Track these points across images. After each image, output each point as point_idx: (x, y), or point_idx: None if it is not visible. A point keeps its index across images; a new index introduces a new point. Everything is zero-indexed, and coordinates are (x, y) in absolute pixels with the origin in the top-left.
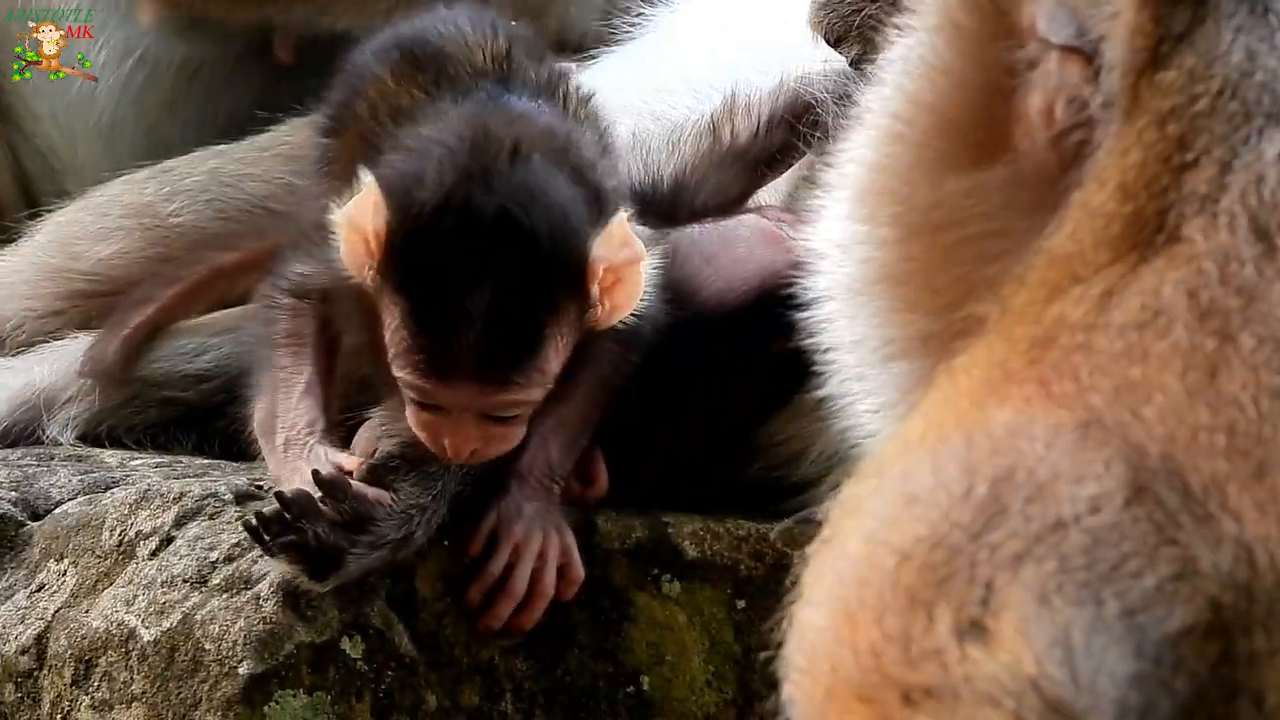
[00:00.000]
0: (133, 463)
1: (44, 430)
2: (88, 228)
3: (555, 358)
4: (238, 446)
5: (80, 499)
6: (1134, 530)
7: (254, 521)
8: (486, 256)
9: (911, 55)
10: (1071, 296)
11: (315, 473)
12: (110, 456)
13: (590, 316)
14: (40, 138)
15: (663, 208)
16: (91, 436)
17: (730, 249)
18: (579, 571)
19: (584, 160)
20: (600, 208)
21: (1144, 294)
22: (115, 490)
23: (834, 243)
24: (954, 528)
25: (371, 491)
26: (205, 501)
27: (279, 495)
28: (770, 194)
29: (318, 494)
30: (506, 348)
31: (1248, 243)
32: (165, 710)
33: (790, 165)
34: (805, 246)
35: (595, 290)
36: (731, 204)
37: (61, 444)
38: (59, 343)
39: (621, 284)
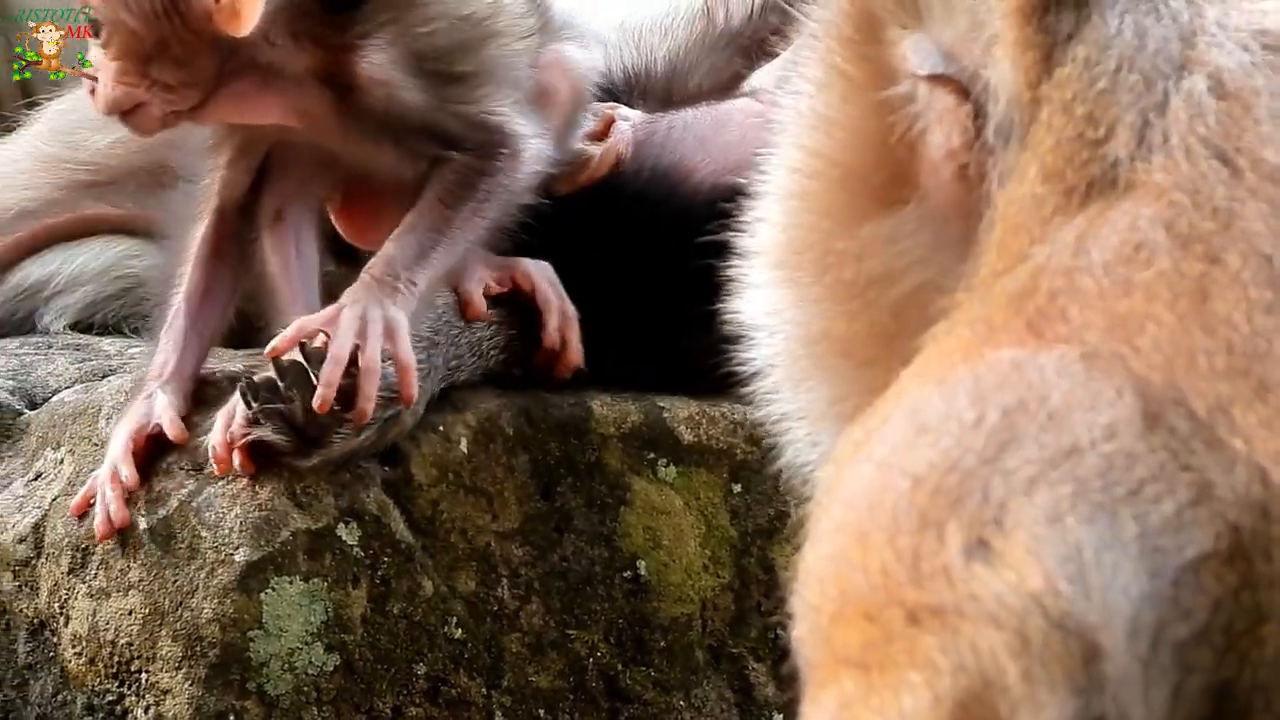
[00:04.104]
0: (130, 351)
1: (39, 320)
2: (86, 116)
3: None
4: (234, 333)
5: (77, 387)
6: (1151, 457)
7: (245, 387)
8: None
9: (805, 111)
10: (1041, 251)
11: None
12: (109, 345)
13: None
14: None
15: (657, 91)
16: (84, 325)
17: (724, 132)
18: (407, 357)
19: None
20: None
21: (1120, 231)
22: (112, 378)
23: (763, 311)
24: (967, 453)
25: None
26: (203, 389)
27: (275, 364)
28: (764, 76)
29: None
30: None
31: (1213, 169)
32: (162, 598)
33: (785, 49)
34: (733, 321)
35: None
36: (725, 87)
37: (59, 333)
38: None
39: None
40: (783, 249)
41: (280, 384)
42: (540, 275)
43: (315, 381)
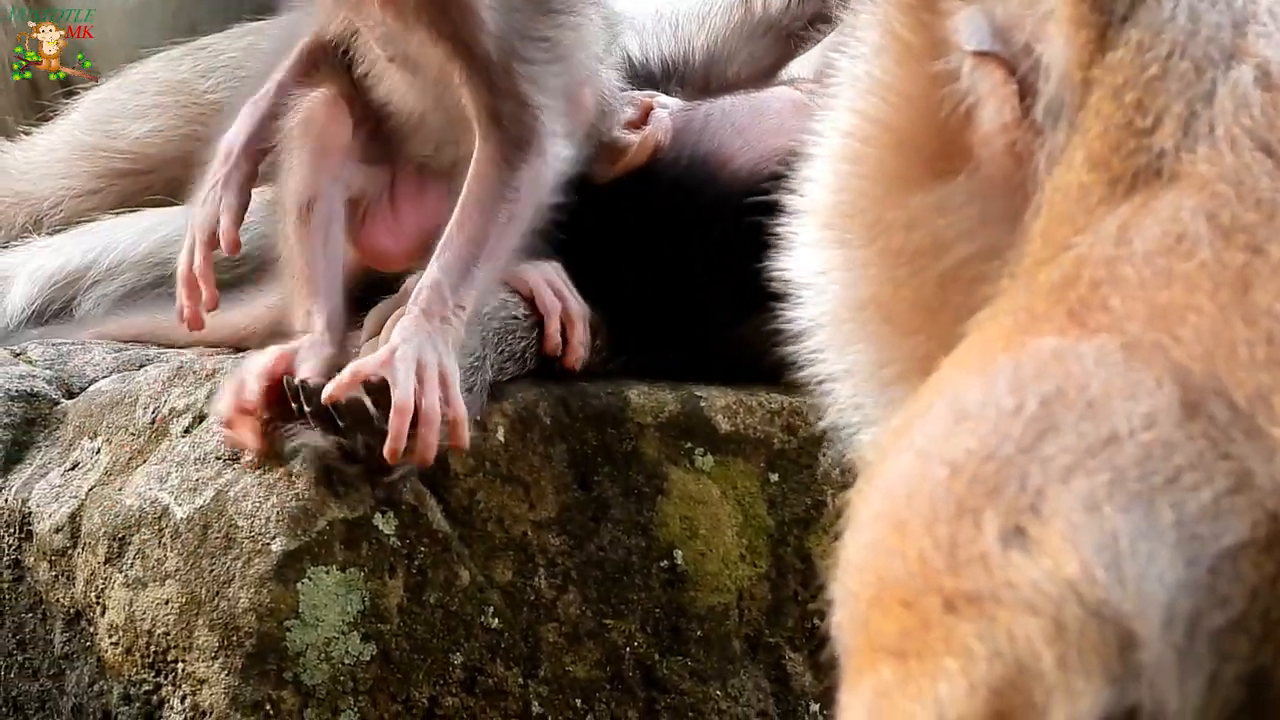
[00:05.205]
0: None
1: (77, 309)
2: (124, 105)
3: None
4: None
5: (114, 376)
6: (1189, 446)
7: (296, 386)
8: None
9: (861, 75)
10: (1084, 240)
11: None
12: None
13: None
14: (71, 19)
15: (695, 79)
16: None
17: (761, 120)
18: (458, 407)
19: None
20: None
21: (1163, 222)
22: (149, 368)
23: (811, 271)
24: (1005, 440)
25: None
26: None
27: (334, 403)
28: (802, 65)
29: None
30: None
31: (1256, 160)
32: (199, 588)
33: (823, 37)
34: (780, 279)
35: None
36: (763, 75)
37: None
38: (94, 223)
39: None
40: (833, 211)
41: (338, 418)
42: (539, 278)
43: (371, 413)
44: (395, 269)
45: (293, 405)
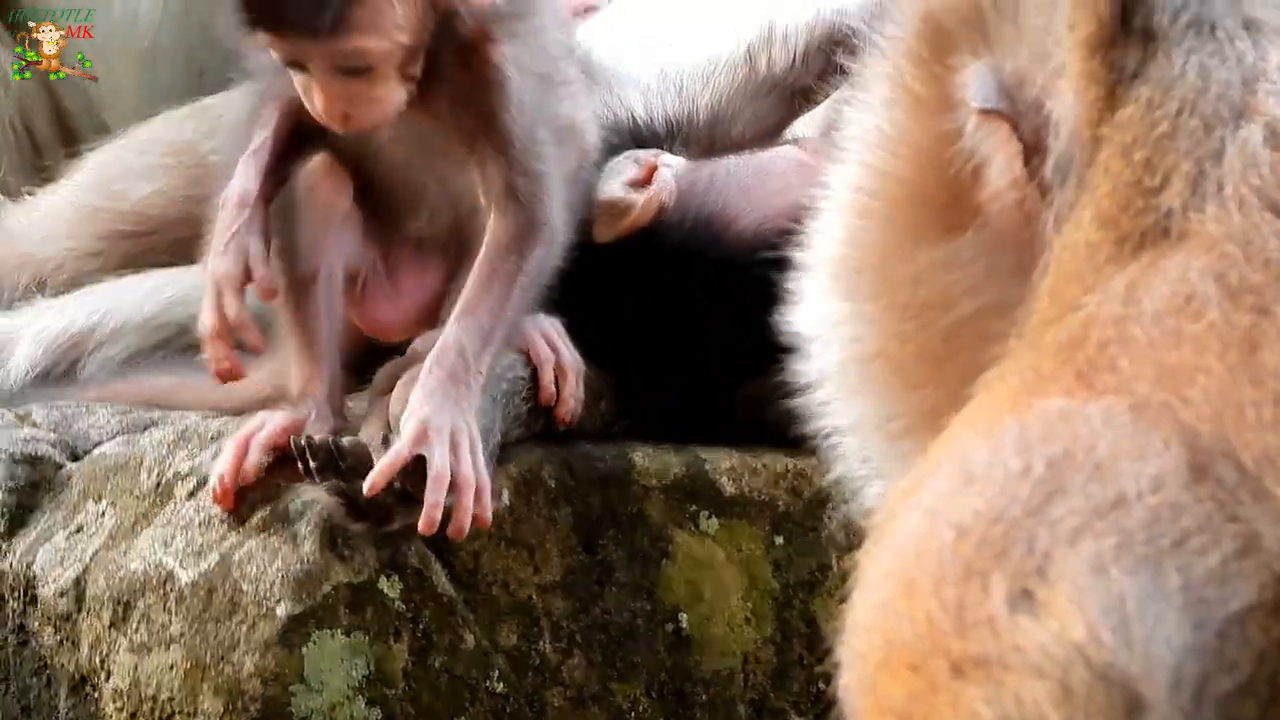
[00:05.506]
0: None
1: (81, 371)
2: (127, 166)
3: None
4: None
5: (119, 439)
6: (1197, 508)
7: (303, 445)
8: None
9: (870, 128)
10: (1092, 300)
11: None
12: None
13: None
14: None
15: (699, 139)
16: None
17: (766, 181)
18: (482, 477)
19: None
20: None
21: (1171, 282)
22: (153, 430)
23: (819, 323)
24: (1012, 503)
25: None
26: None
27: (337, 446)
28: (807, 124)
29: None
30: None
31: (1265, 221)
32: (203, 652)
33: (827, 97)
34: (788, 332)
35: None
36: (768, 135)
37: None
38: (99, 284)
39: None
40: (841, 264)
41: (341, 464)
42: (534, 332)
43: (374, 460)
44: (394, 340)
45: (299, 465)
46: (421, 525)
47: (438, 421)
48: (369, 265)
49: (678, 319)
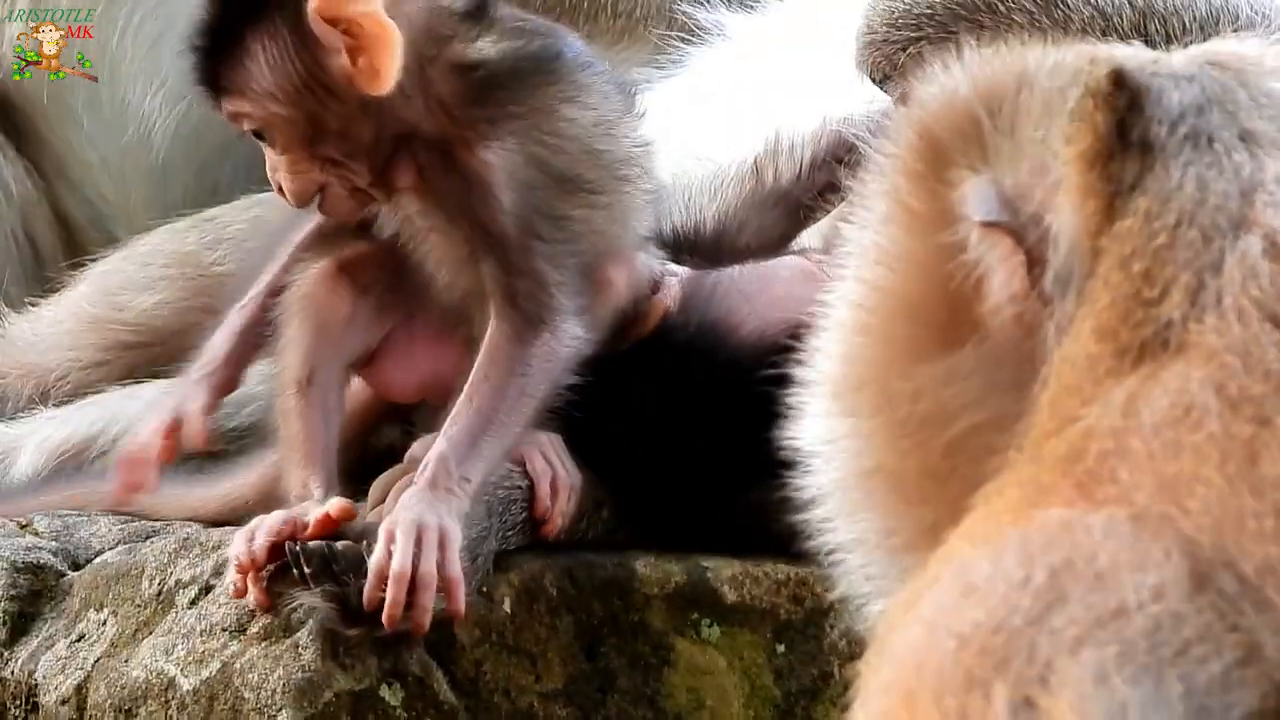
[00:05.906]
0: None
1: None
2: (130, 277)
3: (268, 74)
4: None
5: (120, 548)
6: (1198, 618)
7: (297, 550)
8: None
9: (869, 245)
10: (1092, 413)
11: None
12: None
13: (331, 63)
14: (90, 185)
15: (706, 249)
16: None
17: (769, 289)
18: (454, 571)
19: None
20: None
21: (1171, 393)
22: (155, 539)
23: (820, 440)
24: (1013, 612)
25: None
26: None
27: (331, 550)
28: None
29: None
30: (211, 53)
31: (1264, 331)
32: None
33: (833, 207)
34: (790, 447)
35: (323, 30)
36: (774, 246)
37: None
38: (101, 394)
39: (372, 45)
40: (841, 381)
41: (335, 567)
42: (531, 446)
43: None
44: (403, 400)
45: (294, 570)
46: (384, 618)
47: (404, 522)
48: (390, 332)
49: (680, 425)
